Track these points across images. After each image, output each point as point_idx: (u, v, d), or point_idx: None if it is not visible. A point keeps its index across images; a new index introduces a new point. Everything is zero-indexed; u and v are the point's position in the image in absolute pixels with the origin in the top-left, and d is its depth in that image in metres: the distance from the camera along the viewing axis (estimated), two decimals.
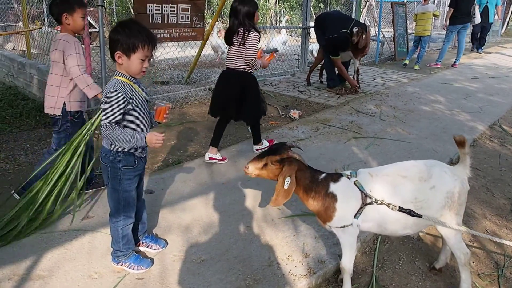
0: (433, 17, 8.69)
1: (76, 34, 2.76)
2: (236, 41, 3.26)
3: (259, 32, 3.28)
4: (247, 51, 3.23)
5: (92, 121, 2.59)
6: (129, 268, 2.10)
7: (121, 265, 2.11)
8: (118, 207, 2.06)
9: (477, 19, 9.82)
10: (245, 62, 3.29)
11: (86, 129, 2.59)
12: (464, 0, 8.21)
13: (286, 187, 1.92)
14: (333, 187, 1.93)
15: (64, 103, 2.71)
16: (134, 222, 2.14)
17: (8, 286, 1.98)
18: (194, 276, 2.08)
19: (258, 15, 3.31)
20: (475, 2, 9.15)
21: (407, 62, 8.87)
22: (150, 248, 2.27)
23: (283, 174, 1.94)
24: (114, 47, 1.87)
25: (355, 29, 5.52)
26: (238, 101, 3.38)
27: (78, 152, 2.56)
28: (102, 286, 2.01)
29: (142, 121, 1.99)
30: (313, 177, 1.98)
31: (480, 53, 10.96)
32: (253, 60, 3.26)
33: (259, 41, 3.29)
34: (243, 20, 3.21)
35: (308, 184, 1.97)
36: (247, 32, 3.21)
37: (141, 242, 2.27)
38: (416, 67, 8.51)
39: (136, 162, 2.04)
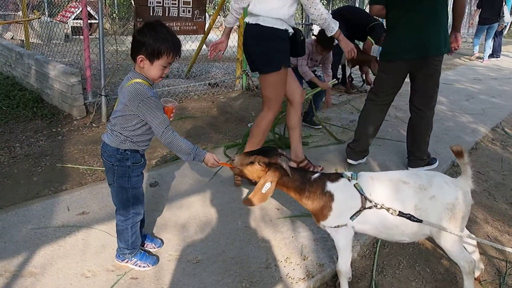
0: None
1: None
2: None
3: None
4: None
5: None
6: (135, 265, 2.06)
7: (126, 262, 2.07)
8: (127, 205, 2.00)
9: (507, 18, 9.74)
10: None
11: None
12: (489, 1, 9.28)
13: (264, 191, 1.88)
14: (331, 187, 1.90)
15: None
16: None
17: None
18: (190, 277, 2.03)
19: None
20: (504, 2, 9.53)
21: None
22: (146, 247, 2.22)
23: (265, 178, 1.90)
24: (138, 50, 1.79)
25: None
26: None
27: None
28: (95, 285, 1.96)
29: None
30: (304, 178, 1.94)
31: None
32: None
33: None
34: None
35: (299, 185, 1.93)
36: None
37: None
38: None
39: (142, 159, 2.01)
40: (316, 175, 1.96)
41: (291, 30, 2.73)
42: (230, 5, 2.80)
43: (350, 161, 3.44)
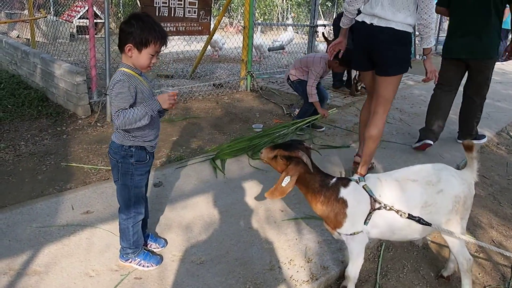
0: None
1: None
2: None
3: None
4: None
5: None
6: (138, 265, 2.06)
7: (130, 262, 2.07)
8: (129, 204, 2.01)
9: None
10: None
11: None
12: None
13: (283, 185, 1.88)
14: (344, 192, 1.87)
15: None
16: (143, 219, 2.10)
17: (3, 281, 1.94)
18: (193, 278, 2.03)
19: None
20: None
21: None
22: (150, 247, 2.22)
23: (286, 171, 1.89)
24: (125, 39, 1.82)
25: None
26: None
27: None
28: (99, 284, 1.96)
29: None
30: (323, 181, 1.91)
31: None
32: None
33: None
34: None
35: (317, 188, 1.90)
36: None
37: None
38: None
39: (148, 157, 2.01)
40: (333, 180, 1.92)
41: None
42: (344, 7, 2.92)
43: (428, 141, 3.83)
